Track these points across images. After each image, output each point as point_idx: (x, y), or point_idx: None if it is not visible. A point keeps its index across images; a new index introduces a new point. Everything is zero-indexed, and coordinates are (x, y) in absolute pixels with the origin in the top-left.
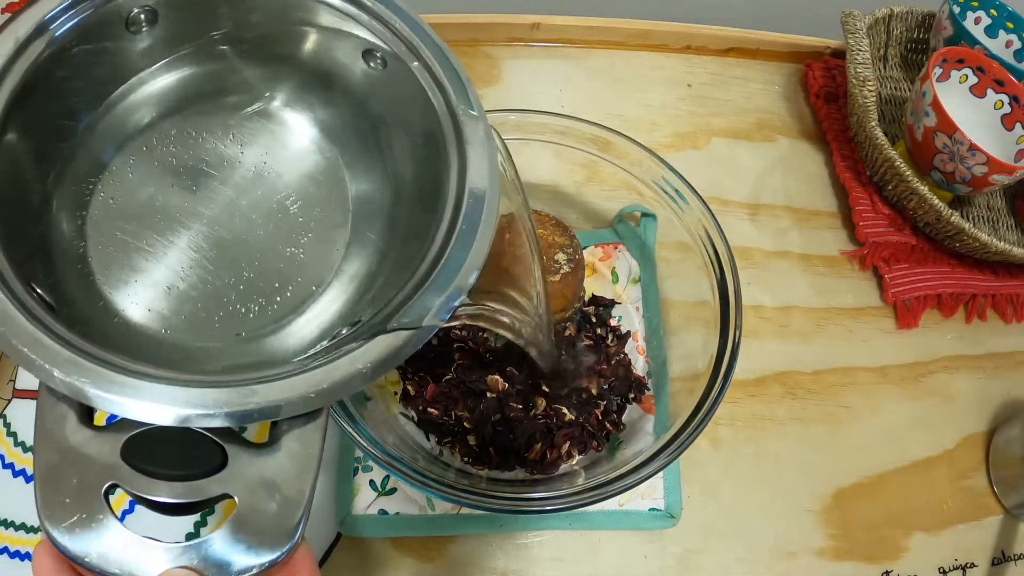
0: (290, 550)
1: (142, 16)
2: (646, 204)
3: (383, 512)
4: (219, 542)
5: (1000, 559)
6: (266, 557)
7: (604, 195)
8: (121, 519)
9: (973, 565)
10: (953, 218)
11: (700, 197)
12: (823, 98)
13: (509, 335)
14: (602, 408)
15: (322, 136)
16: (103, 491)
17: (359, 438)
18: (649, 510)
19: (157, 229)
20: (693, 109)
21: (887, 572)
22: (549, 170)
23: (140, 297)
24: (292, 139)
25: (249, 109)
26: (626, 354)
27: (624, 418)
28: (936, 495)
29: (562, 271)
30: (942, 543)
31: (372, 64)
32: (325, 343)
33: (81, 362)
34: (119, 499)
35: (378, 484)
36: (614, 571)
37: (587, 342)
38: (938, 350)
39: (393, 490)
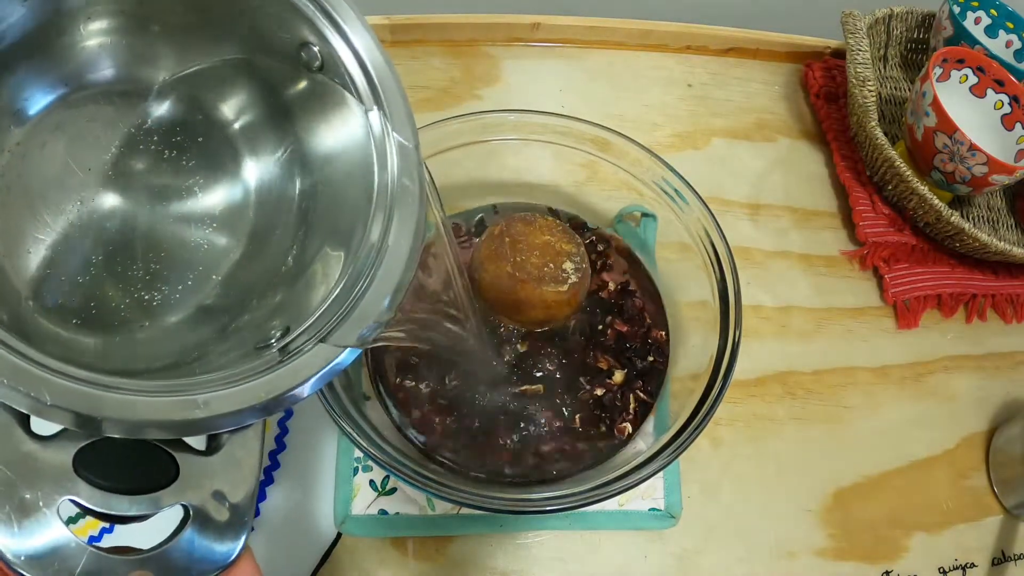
0: (239, 553)
1: None
2: (646, 204)
3: (383, 512)
4: (176, 551)
5: (1000, 559)
6: (218, 562)
7: (604, 195)
8: (100, 536)
9: (973, 565)
10: (953, 218)
11: (700, 197)
12: (823, 98)
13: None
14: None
15: (241, 131)
16: (56, 506)
17: (359, 438)
18: (649, 510)
19: (62, 216)
20: (693, 109)
21: (887, 572)
22: (549, 170)
23: (48, 286)
24: (209, 130)
25: (167, 89)
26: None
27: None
28: (936, 495)
29: (570, 280)
30: (942, 543)
31: (308, 58)
32: (254, 348)
33: (27, 370)
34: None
35: (378, 484)
36: (614, 571)
37: (621, 327)
38: (938, 350)
39: (393, 490)
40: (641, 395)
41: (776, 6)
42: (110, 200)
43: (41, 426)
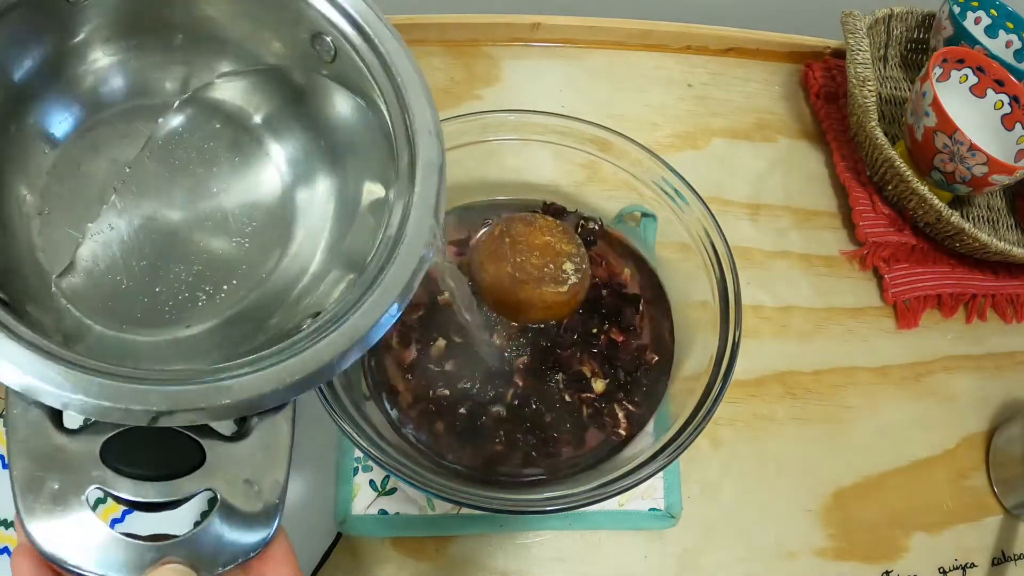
0: (269, 538)
1: None
2: (646, 204)
3: (383, 512)
4: (205, 536)
5: (1000, 559)
6: (249, 547)
7: (604, 195)
8: (123, 517)
9: (973, 565)
10: (953, 218)
11: (700, 197)
12: (823, 98)
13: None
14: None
15: (267, 132)
16: (85, 495)
17: (359, 438)
18: (649, 510)
19: (104, 222)
20: (693, 109)
21: (887, 572)
22: (549, 170)
23: (93, 293)
24: (235, 134)
25: (193, 98)
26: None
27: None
28: (936, 495)
29: (570, 281)
30: (942, 543)
31: (321, 49)
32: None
33: (51, 366)
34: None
35: (378, 484)
36: (614, 571)
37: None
38: (938, 350)
39: (393, 490)
40: (628, 406)
41: (776, 6)
42: (149, 210)
43: (71, 419)
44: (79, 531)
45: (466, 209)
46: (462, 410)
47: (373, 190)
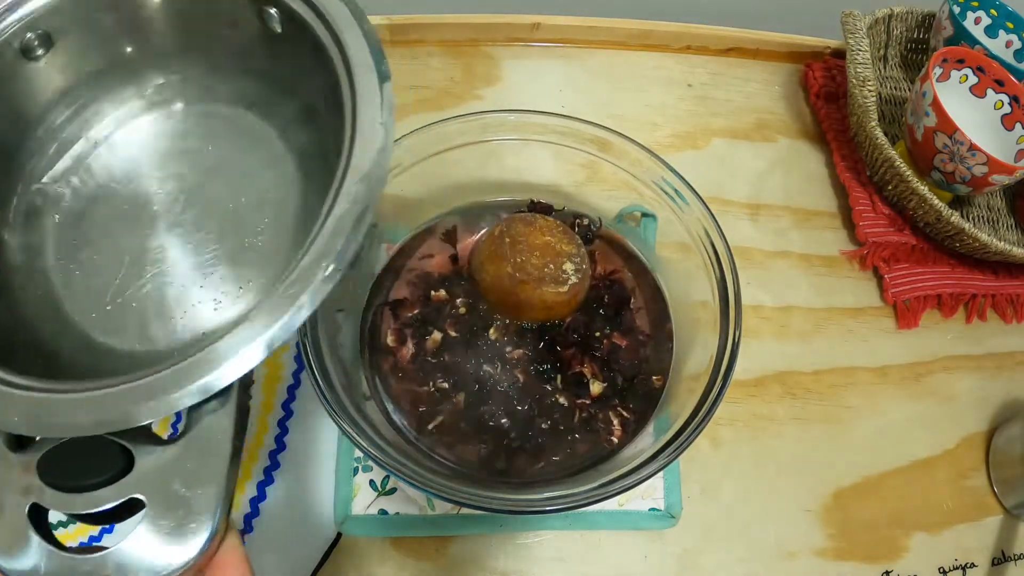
0: (208, 545)
1: (36, 42)
2: (646, 204)
3: (383, 512)
4: (132, 548)
5: (1000, 559)
6: (185, 556)
7: (604, 195)
8: (100, 536)
9: (973, 565)
10: (953, 218)
11: (700, 197)
12: (823, 98)
13: None
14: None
15: (255, 116)
16: (27, 512)
17: (359, 438)
18: (649, 510)
19: (110, 243)
20: (693, 109)
21: (887, 572)
22: (549, 170)
23: (110, 316)
24: (222, 127)
25: (171, 104)
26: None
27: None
28: (936, 495)
29: (570, 281)
30: (942, 543)
31: (269, 23)
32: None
33: None
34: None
35: (378, 484)
36: (614, 571)
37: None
38: (938, 350)
39: (393, 490)
40: (623, 412)
41: (776, 6)
42: (151, 219)
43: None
44: (16, 546)
45: (466, 209)
46: (460, 409)
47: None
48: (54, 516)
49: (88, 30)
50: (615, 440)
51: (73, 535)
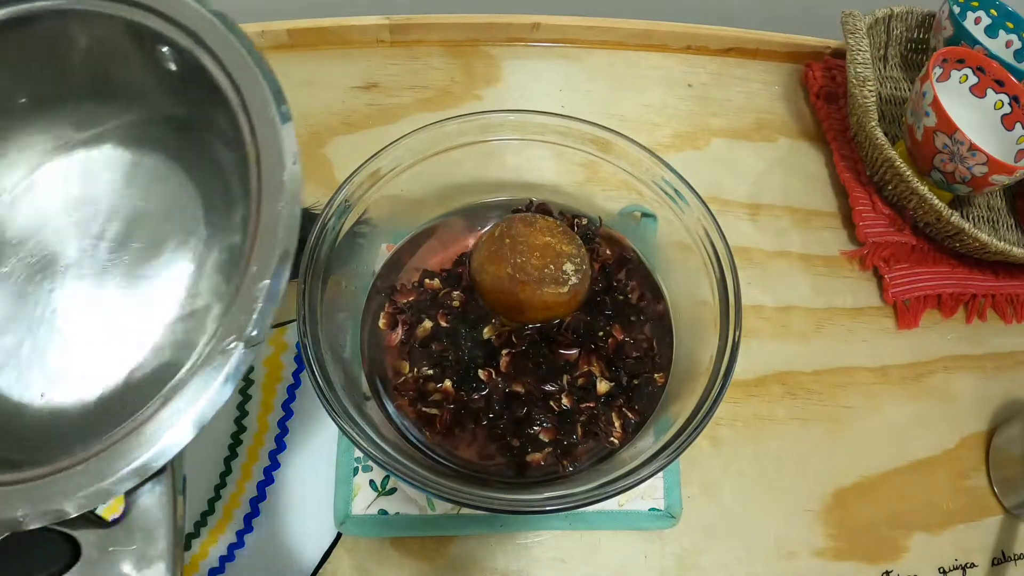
0: None
1: None
2: (646, 204)
3: (383, 512)
4: None
5: (1000, 559)
6: None
7: (604, 195)
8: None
9: (973, 565)
10: (953, 218)
11: (700, 197)
12: (823, 98)
13: None
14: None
15: (138, 152)
16: None
17: (359, 438)
18: (649, 510)
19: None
20: (693, 109)
21: (887, 572)
22: (549, 170)
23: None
24: (129, 170)
25: (74, 149)
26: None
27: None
28: (936, 495)
29: (570, 282)
30: (942, 543)
31: (163, 61)
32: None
33: None
34: None
35: (378, 484)
36: (614, 571)
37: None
38: (938, 350)
39: (393, 490)
40: (627, 413)
41: (776, 6)
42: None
43: None
44: None
45: (466, 209)
46: (463, 410)
47: (224, 243)
48: None
49: None
50: (615, 441)
51: None
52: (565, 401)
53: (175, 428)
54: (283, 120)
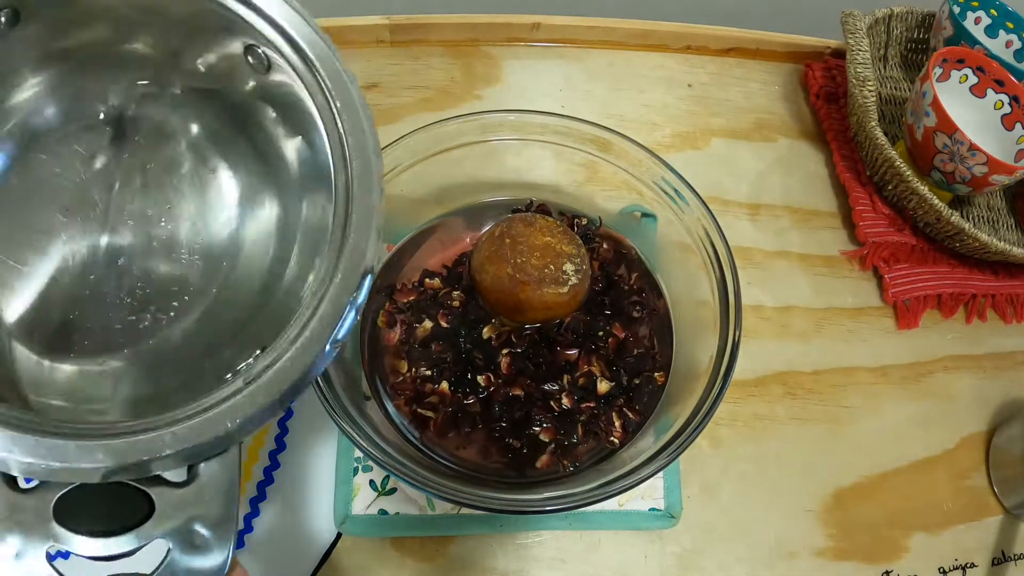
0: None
1: (2, 17)
2: (646, 204)
3: (383, 512)
4: None
5: (1000, 559)
6: None
7: (604, 195)
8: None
9: (973, 565)
10: (953, 218)
11: (700, 197)
12: (823, 98)
13: None
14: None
15: (208, 142)
16: (44, 554)
17: (359, 438)
18: (649, 510)
19: (42, 249)
20: (693, 109)
21: (887, 572)
22: (549, 170)
23: (35, 324)
24: (176, 154)
25: (133, 119)
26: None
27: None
28: (936, 495)
29: (570, 283)
30: (942, 543)
31: (255, 62)
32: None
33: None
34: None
35: (378, 484)
36: (614, 571)
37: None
38: (938, 350)
39: (393, 490)
40: (628, 412)
41: (776, 6)
42: (93, 236)
43: (21, 477)
44: None
45: (466, 209)
46: (462, 410)
47: (311, 216)
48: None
49: (62, 17)
50: (615, 441)
51: None
52: (565, 401)
53: (261, 410)
54: (376, 158)
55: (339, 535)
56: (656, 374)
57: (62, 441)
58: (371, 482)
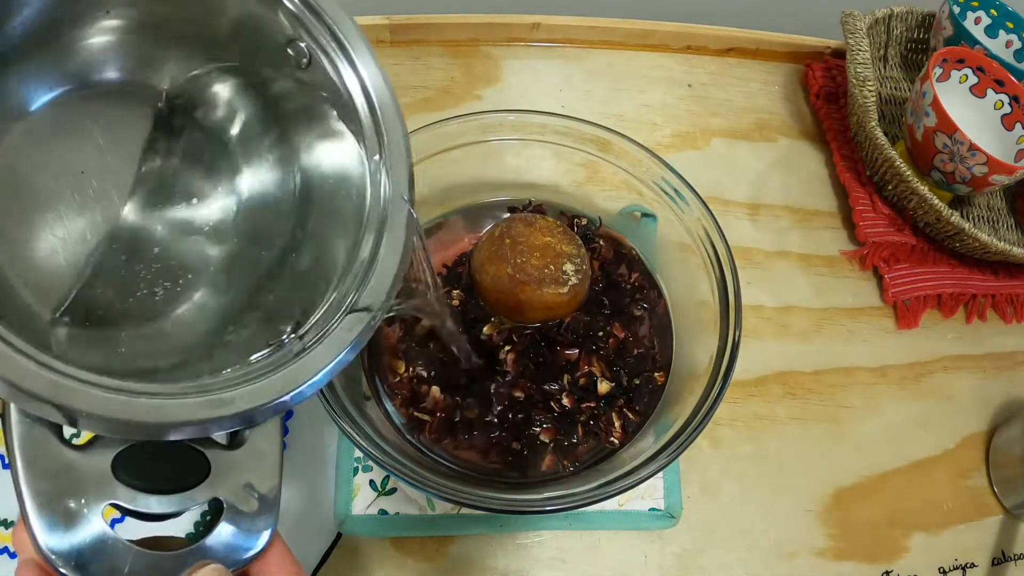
0: (271, 536)
1: None
2: (646, 204)
3: (383, 512)
4: (215, 542)
5: (1000, 559)
6: (252, 550)
7: (604, 195)
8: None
9: (973, 565)
10: (953, 218)
11: (700, 197)
12: (823, 98)
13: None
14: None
15: (238, 136)
16: (101, 511)
17: (359, 438)
18: (649, 510)
19: (60, 220)
20: (693, 109)
21: (887, 572)
22: (549, 170)
23: (54, 290)
24: (207, 135)
25: (169, 99)
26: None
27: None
28: (936, 495)
29: (570, 283)
30: (942, 543)
31: (295, 55)
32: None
33: (65, 384)
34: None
35: (378, 484)
36: (614, 571)
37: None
38: (938, 350)
39: (393, 490)
40: (627, 413)
41: (776, 6)
42: (108, 202)
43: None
44: (96, 548)
45: (466, 209)
46: (462, 410)
47: (345, 203)
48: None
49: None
50: (615, 441)
51: None
52: (566, 401)
53: (316, 377)
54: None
55: (339, 535)
56: (656, 374)
57: (125, 397)
58: (371, 482)
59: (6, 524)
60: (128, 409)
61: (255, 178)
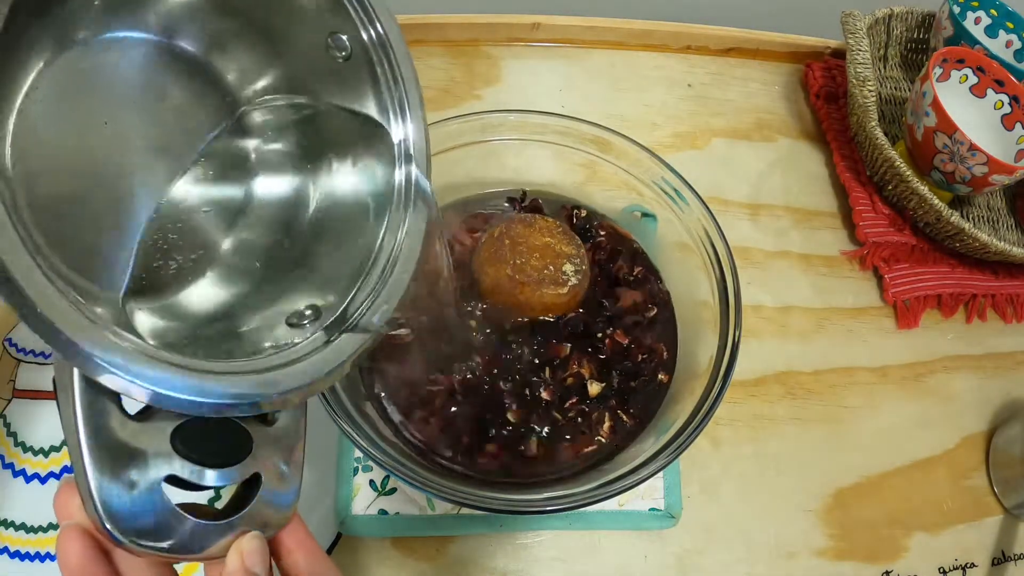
0: (294, 511)
1: None
2: (646, 204)
3: (383, 512)
4: (255, 512)
5: (1000, 559)
6: (281, 520)
7: (604, 195)
8: None
9: (973, 565)
10: (953, 218)
11: (700, 197)
12: (823, 98)
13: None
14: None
15: (266, 122)
16: (160, 483)
17: (359, 438)
18: (649, 510)
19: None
20: (693, 109)
21: (887, 572)
22: (549, 170)
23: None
24: (238, 120)
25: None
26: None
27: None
28: (936, 495)
29: (570, 283)
30: (942, 543)
31: (335, 48)
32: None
33: (139, 356)
34: None
35: (378, 484)
36: (614, 571)
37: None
38: (938, 350)
39: (393, 490)
40: (621, 415)
41: (776, 6)
42: (156, 174)
43: (130, 406)
44: (155, 518)
45: (466, 209)
46: (462, 410)
47: (370, 190)
48: None
49: None
50: (602, 440)
51: None
52: (545, 394)
53: (338, 365)
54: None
55: (339, 535)
56: (660, 375)
57: (185, 376)
58: (371, 482)
59: (6, 524)
60: (204, 387)
61: (275, 166)
